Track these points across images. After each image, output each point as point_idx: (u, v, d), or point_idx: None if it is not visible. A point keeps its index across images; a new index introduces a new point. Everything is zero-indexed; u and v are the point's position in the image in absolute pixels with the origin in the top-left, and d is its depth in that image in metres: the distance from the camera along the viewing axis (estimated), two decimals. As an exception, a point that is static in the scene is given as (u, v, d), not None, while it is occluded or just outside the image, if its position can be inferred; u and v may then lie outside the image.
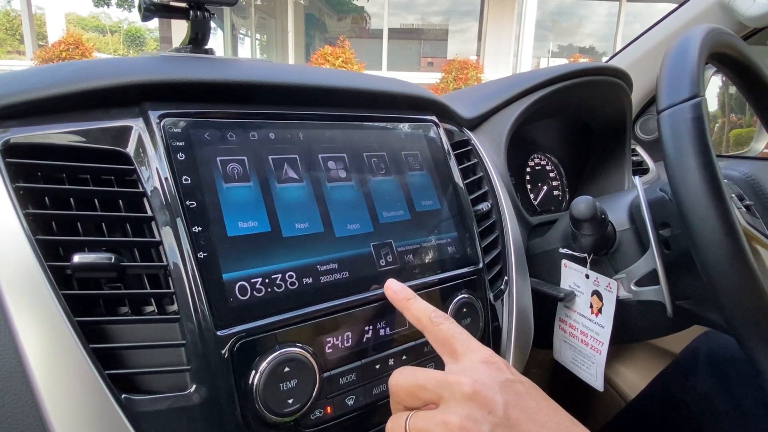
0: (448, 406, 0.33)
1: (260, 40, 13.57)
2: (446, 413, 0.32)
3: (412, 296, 0.42)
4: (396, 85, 0.59)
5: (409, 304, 0.41)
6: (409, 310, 0.41)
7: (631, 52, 1.07)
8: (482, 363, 0.35)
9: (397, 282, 0.44)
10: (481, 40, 11.25)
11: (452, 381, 0.33)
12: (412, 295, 0.42)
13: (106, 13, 26.03)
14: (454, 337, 0.37)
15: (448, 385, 0.33)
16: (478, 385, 0.33)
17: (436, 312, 0.39)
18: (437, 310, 0.40)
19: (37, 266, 0.34)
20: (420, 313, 0.40)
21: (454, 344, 0.37)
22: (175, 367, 0.37)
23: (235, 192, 0.42)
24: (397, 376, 0.37)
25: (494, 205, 0.63)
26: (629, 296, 0.59)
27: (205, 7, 0.54)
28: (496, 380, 0.33)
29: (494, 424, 0.31)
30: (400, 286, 0.43)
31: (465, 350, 0.36)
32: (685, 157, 0.43)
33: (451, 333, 0.38)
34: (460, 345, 0.37)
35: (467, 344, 0.37)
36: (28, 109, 0.39)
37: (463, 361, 0.36)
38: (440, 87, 8.29)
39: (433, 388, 0.34)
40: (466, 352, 0.36)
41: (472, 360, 0.35)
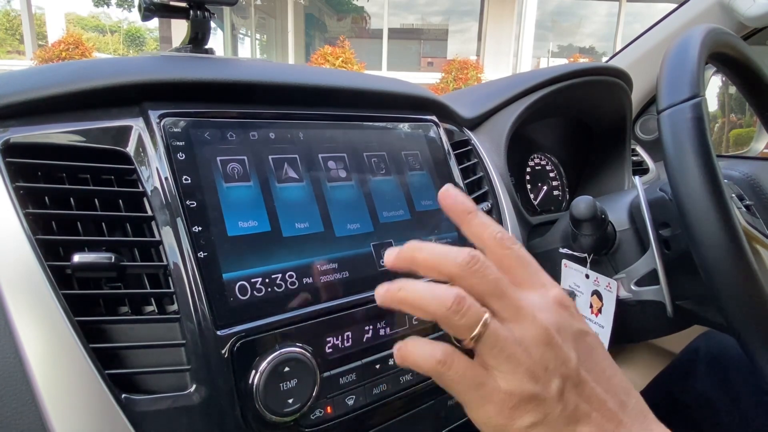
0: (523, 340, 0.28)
1: (260, 40, 13.57)
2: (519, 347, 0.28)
3: (473, 209, 0.34)
4: (396, 85, 0.59)
5: (470, 218, 0.33)
6: (471, 226, 0.33)
7: (631, 52, 1.07)
8: (556, 304, 0.31)
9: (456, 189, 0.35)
10: (481, 40, 11.25)
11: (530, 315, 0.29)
12: (472, 208, 0.34)
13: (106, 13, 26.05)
14: (523, 266, 0.32)
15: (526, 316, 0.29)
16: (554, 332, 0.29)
17: (504, 233, 0.33)
18: (504, 231, 0.33)
19: (37, 266, 0.34)
20: (484, 231, 0.33)
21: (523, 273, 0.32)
22: (175, 366, 0.37)
23: (235, 192, 0.42)
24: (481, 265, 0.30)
25: (494, 204, 0.63)
26: (629, 296, 0.59)
27: (205, 6, 0.53)
28: (572, 330, 0.30)
29: (565, 377, 0.28)
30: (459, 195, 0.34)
31: (537, 284, 0.32)
32: (685, 157, 0.43)
33: (520, 260, 0.32)
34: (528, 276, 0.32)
35: (539, 276, 0.32)
36: (28, 109, 0.39)
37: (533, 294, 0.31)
38: (440, 87, 8.29)
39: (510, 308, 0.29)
40: (538, 287, 0.32)
41: (546, 297, 0.31)
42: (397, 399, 0.48)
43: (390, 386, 0.46)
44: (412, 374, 0.48)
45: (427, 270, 0.31)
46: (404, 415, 0.49)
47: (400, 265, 0.33)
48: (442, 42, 13.05)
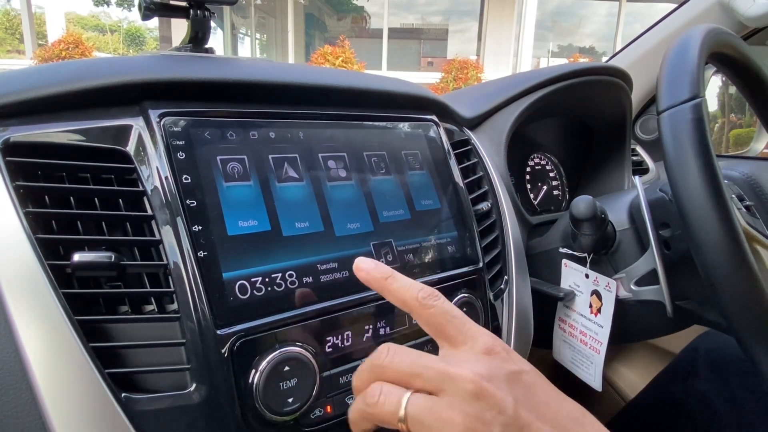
0: (453, 403, 0.29)
1: (260, 39, 13.56)
2: (451, 410, 0.29)
3: (390, 274, 0.35)
4: (396, 85, 0.59)
5: (389, 284, 0.34)
6: (390, 292, 0.34)
7: (631, 52, 1.07)
8: (484, 354, 0.31)
9: (367, 259, 0.35)
10: (481, 40, 11.25)
11: (455, 375, 0.30)
12: (389, 273, 0.35)
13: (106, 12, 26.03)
14: (450, 322, 0.33)
15: (450, 378, 0.30)
16: (484, 383, 0.29)
17: (424, 290, 0.34)
18: (424, 287, 0.34)
19: (37, 265, 0.34)
20: (404, 294, 0.34)
21: (450, 330, 0.33)
22: (175, 366, 0.37)
23: (235, 191, 0.42)
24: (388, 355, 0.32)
25: (494, 204, 0.63)
26: (629, 296, 0.59)
27: (205, 6, 0.53)
28: (502, 374, 0.30)
29: (505, 425, 0.28)
30: (372, 263, 0.35)
31: (464, 337, 0.32)
32: (686, 158, 0.43)
33: (445, 317, 0.33)
34: (457, 331, 0.33)
35: (465, 330, 0.33)
36: (28, 108, 0.39)
37: (462, 350, 0.32)
38: (440, 87, 8.29)
39: (432, 379, 0.30)
40: (466, 340, 0.32)
41: (474, 349, 0.32)
42: (397, 398, 0.47)
43: (390, 386, 0.46)
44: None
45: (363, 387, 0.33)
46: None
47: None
48: (442, 42, 13.05)
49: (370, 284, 0.35)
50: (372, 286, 0.35)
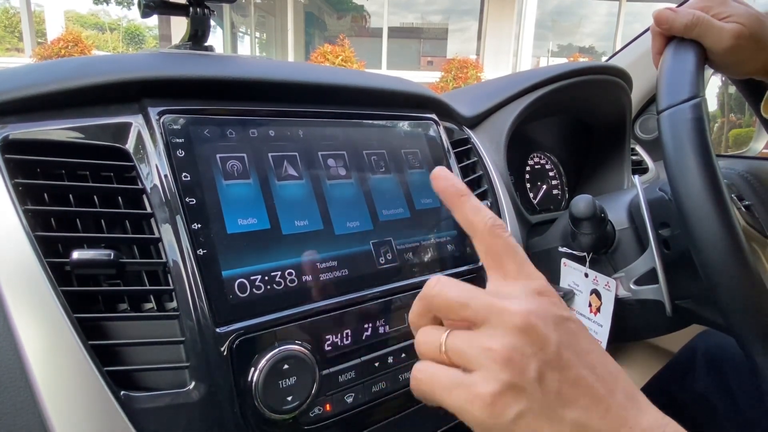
0: (495, 333, 0.29)
1: (260, 38, 13.55)
2: (492, 340, 0.28)
3: (466, 193, 0.34)
4: (396, 83, 0.59)
5: (462, 201, 0.34)
6: (462, 211, 0.34)
7: (631, 52, 1.07)
8: (536, 292, 0.31)
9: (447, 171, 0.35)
10: (480, 40, 11.25)
11: (503, 308, 0.29)
12: (465, 191, 0.34)
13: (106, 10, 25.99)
14: (510, 255, 0.32)
15: (497, 310, 0.29)
16: (532, 318, 0.29)
17: (495, 219, 0.33)
18: (494, 216, 0.33)
19: (36, 263, 0.34)
20: (476, 216, 0.33)
21: (508, 263, 0.32)
22: (174, 364, 0.37)
23: (235, 189, 0.42)
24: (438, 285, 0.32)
25: (494, 203, 0.63)
26: (628, 295, 0.59)
27: (204, 4, 0.53)
28: (551, 315, 0.30)
29: (544, 361, 0.28)
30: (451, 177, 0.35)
31: (518, 273, 0.32)
32: (685, 158, 0.43)
33: (508, 249, 0.32)
34: (514, 265, 0.32)
35: (522, 267, 0.32)
36: (28, 105, 0.39)
37: (514, 285, 0.32)
38: (440, 86, 8.29)
39: (479, 310, 0.30)
40: (519, 276, 0.32)
41: (526, 287, 0.31)
42: (396, 397, 0.48)
43: (389, 384, 0.46)
44: (411, 372, 0.48)
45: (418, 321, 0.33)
46: (403, 412, 0.49)
47: None
48: (441, 41, 13.05)
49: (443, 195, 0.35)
50: (445, 199, 0.35)
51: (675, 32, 0.48)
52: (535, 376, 0.28)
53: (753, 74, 0.52)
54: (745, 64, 0.50)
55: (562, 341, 0.29)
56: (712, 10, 0.48)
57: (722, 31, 0.47)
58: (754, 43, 0.48)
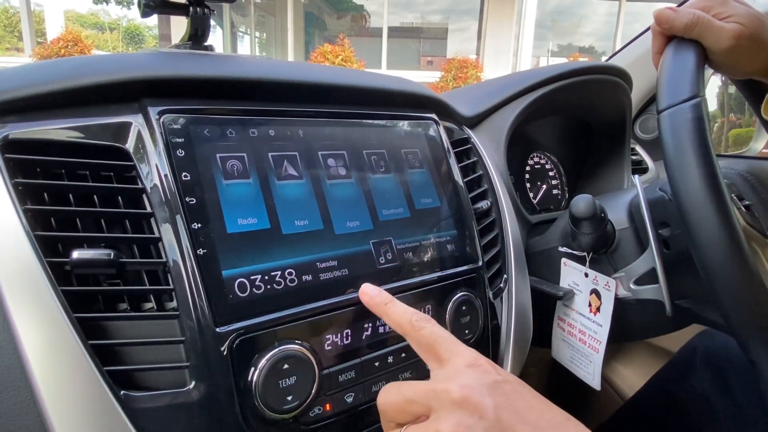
0: (439, 416, 0.32)
1: (259, 38, 13.55)
2: (438, 423, 0.32)
3: (390, 300, 0.41)
4: (396, 83, 0.59)
5: (388, 308, 0.40)
6: (388, 316, 0.40)
7: (631, 52, 1.07)
8: (468, 366, 0.34)
9: (372, 286, 0.42)
10: (480, 39, 11.25)
11: (439, 390, 0.33)
12: (389, 299, 0.41)
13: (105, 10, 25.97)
14: (437, 342, 0.36)
15: (435, 394, 0.33)
16: (465, 390, 0.32)
17: (417, 315, 0.38)
18: (418, 313, 0.39)
19: (36, 262, 0.34)
20: (400, 318, 0.39)
21: (438, 349, 0.36)
22: (174, 363, 0.37)
23: (235, 189, 0.42)
24: (383, 395, 0.36)
25: (494, 203, 0.63)
26: (628, 295, 0.59)
27: (205, 3, 0.53)
28: (484, 383, 0.33)
29: (486, 428, 0.30)
30: (375, 290, 0.42)
31: (450, 354, 0.36)
32: (686, 157, 0.43)
33: (434, 337, 0.37)
34: (444, 349, 0.36)
35: (451, 348, 0.36)
36: (27, 105, 0.39)
37: (448, 366, 0.35)
38: (440, 86, 8.29)
39: (422, 400, 0.33)
40: (450, 357, 0.35)
41: (458, 364, 0.35)
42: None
43: (389, 384, 0.46)
44: (411, 372, 0.48)
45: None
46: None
47: None
48: (441, 41, 13.05)
49: (371, 308, 0.41)
50: (373, 310, 0.41)
51: (675, 32, 0.48)
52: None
53: (753, 75, 0.52)
54: (745, 64, 0.50)
55: (499, 404, 0.31)
56: (712, 10, 0.48)
57: (722, 31, 0.47)
58: (754, 44, 0.48)
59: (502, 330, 0.58)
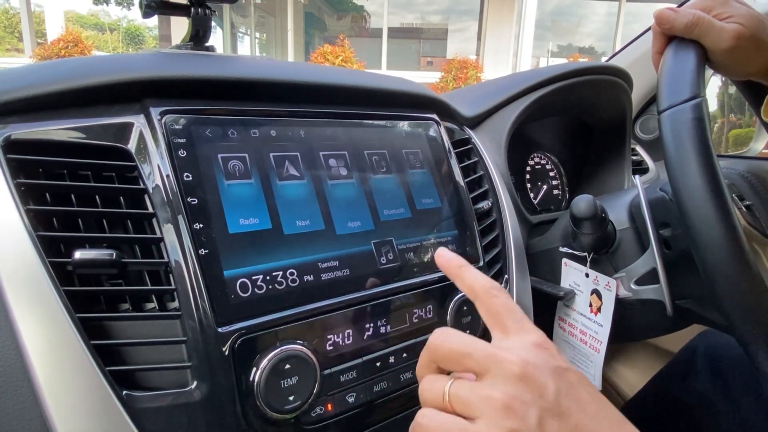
0: (495, 382, 0.30)
1: (260, 38, 13.55)
2: (493, 389, 0.30)
3: (465, 264, 0.39)
4: (397, 83, 0.59)
5: (462, 271, 0.38)
6: (462, 279, 0.38)
7: (631, 52, 1.07)
8: (534, 345, 0.32)
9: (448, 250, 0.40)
10: (480, 40, 11.25)
11: (502, 356, 0.31)
12: (464, 263, 0.39)
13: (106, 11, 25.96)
14: (509, 313, 0.35)
15: (497, 359, 0.31)
16: (529, 367, 0.30)
17: (492, 283, 0.36)
18: (493, 282, 0.37)
19: (38, 262, 0.34)
20: (474, 282, 0.36)
21: (507, 320, 0.34)
22: (176, 363, 0.37)
23: (237, 189, 0.42)
24: (442, 335, 0.34)
25: (494, 203, 0.63)
26: (629, 295, 0.59)
27: (206, 4, 0.53)
28: (549, 365, 0.31)
29: (543, 409, 0.29)
30: (452, 254, 0.39)
31: (518, 329, 0.34)
32: (686, 157, 0.43)
33: (506, 307, 0.35)
34: (513, 322, 0.34)
35: (521, 323, 0.34)
36: (29, 105, 0.39)
37: (514, 338, 0.33)
38: (440, 86, 8.29)
39: (481, 359, 0.32)
40: (518, 331, 0.34)
41: (525, 340, 0.33)
42: (398, 397, 0.48)
43: (390, 384, 0.46)
44: (413, 372, 0.48)
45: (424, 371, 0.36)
46: (404, 412, 0.49)
47: None
48: (441, 41, 13.05)
49: (446, 270, 0.39)
50: (447, 273, 0.39)
51: (676, 32, 0.48)
52: (535, 423, 0.29)
53: (753, 75, 0.52)
54: (745, 65, 0.50)
55: (561, 390, 0.30)
56: (713, 11, 0.48)
57: (723, 31, 0.47)
58: (754, 45, 0.48)
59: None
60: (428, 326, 0.50)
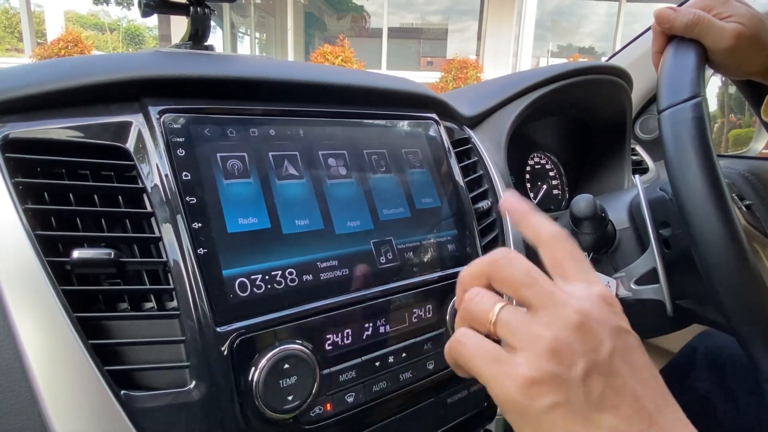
0: (550, 323, 0.28)
1: (259, 38, 13.55)
2: (546, 328, 0.28)
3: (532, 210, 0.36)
4: (397, 83, 0.59)
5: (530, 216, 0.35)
6: (529, 224, 0.35)
7: (631, 52, 1.07)
8: (599, 297, 0.30)
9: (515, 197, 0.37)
10: (480, 40, 11.25)
11: (564, 300, 0.29)
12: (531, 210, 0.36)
13: (105, 11, 25.96)
14: (576, 261, 0.32)
15: (558, 301, 0.29)
16: (589, 319, 0.28)
17: (559, 230, 0.34)
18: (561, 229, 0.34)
19: (36, 262, 0.34)
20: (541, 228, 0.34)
21: (572, 267, 0.32)
22: (175, 363, 0.37)
23: (235, 188, 0.42)
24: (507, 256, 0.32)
25: (494, 203, 0.63)
26: (629, 295, 0.59)
27: (205, 3, 0.53)
28: (610, 323, 0.29)
29: (593, 362, 0.27)
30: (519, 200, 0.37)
31: (584, 278, 0.32)
32: (686, 157, 0.43)
33: (574, 256, 0.33)
34: (579, 271, 0.32)
35: (587, 273, 0.32)
36: (28, 104, 0.39)
37: (577, 285, 0.31)
38: (440, 86, 8.29)
39: (541, 294, 0.29)
40: (584, 280, 0.31)
41: (590, 290, 0.30)
42: (397, 396, 0.48)
43: (390, 384, 0.46)
44: (412, 372, 0.48)
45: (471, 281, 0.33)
46: (404, 412, 0.49)
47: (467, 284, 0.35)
48: (441, 41, 13.05)
49: (512, 214, 0.37)
50: (513, 217, 0.37)
51: (676, 31, 0.48)
52: (580, 375, 0.27)
53: (753, 75, 0.52)
54: (745, 64, 0.50)
55: (617, 349, 0.28)
56: (713, 10, 0.48)
57: (723, 30, 0.47)
58: (754, 44, 0.48)
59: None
60: (428, 326, 0.50)
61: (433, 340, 0.50)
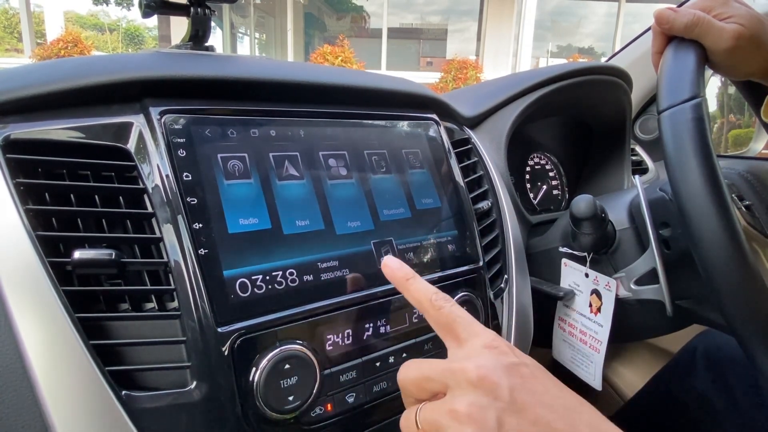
0: (455, 395, 0.32)
1: (259, 39, 13.55)
2: (453, 402, 0.31)
3: (412, 276, 0.39)
4: (397, 83, 0.59)
5: (409, 284, 0.39)
6: (409, 291, 0.39)
7: (631, 52, 1.07)
8: (485, 347, 0.34)
9: (395, 259, 0.40)
10: (480, 40, 11.26)
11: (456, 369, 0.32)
12: (411, 275, 0.39)
13: (105, 11, 25.94)
14: (456, 321, 0.36)
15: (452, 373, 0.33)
16: (482, 371, 0.31)
17: (438, 294, 0.38)
18: (438, 292, 0.38)
19: (37, 262, 0.34)
20: (420, 295, 0.38)
21: (456, 329, 0.36)
22: (176, 363, 0.37)
23: (236, 189, 0.42)
24: (404, 370, 0.36)
25: (494, 203, 0.63)
26: (629, 295, 0.59)
27: (205, 4, 0.53)
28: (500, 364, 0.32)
29: (501, 409, 0.30)
30: (398, 263, 0.40)
31: (468, 335, 0.35)
32: (686, 157, 0.43)
33: (453, 317, 0.36)
34: (462, 330, 0.36)
35: (470, 328, 0.36)
36: (29, 105, 0.39)
37: (466, 346, 0.35)
38: (439, 87, 8.30)
39: (439, 378, 0.33)
40: (469, 337, 0.35)
41: (475, 345, 0.34)
42: (397, 397, 0.47)
43: (390, 384, 0.46)
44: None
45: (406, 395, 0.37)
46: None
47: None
48: (441, 42, 13.06)
49: (393, 281, 0.40)
50: (394, 283, 0.40)
51: (675, 32, 0.48)
52: (495, 426, 0.30)
53: (752, 76, 0.52)
54: (745, 65, 0.50)
55: (515, 386, 0.31)
56: (713, 11, 0.48)
57: (723, 31, 0.47)
58: (754, 45, 0.48)
59: (502, 330, 0.58)
60: (428, 326, 0.49)
61: (433, 340, 0.50)
